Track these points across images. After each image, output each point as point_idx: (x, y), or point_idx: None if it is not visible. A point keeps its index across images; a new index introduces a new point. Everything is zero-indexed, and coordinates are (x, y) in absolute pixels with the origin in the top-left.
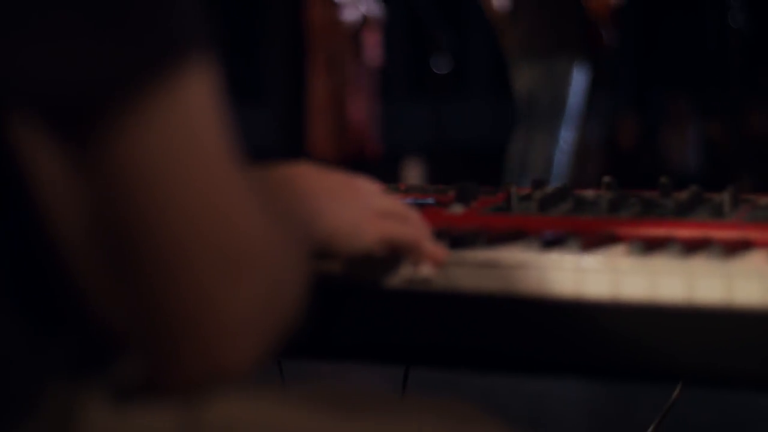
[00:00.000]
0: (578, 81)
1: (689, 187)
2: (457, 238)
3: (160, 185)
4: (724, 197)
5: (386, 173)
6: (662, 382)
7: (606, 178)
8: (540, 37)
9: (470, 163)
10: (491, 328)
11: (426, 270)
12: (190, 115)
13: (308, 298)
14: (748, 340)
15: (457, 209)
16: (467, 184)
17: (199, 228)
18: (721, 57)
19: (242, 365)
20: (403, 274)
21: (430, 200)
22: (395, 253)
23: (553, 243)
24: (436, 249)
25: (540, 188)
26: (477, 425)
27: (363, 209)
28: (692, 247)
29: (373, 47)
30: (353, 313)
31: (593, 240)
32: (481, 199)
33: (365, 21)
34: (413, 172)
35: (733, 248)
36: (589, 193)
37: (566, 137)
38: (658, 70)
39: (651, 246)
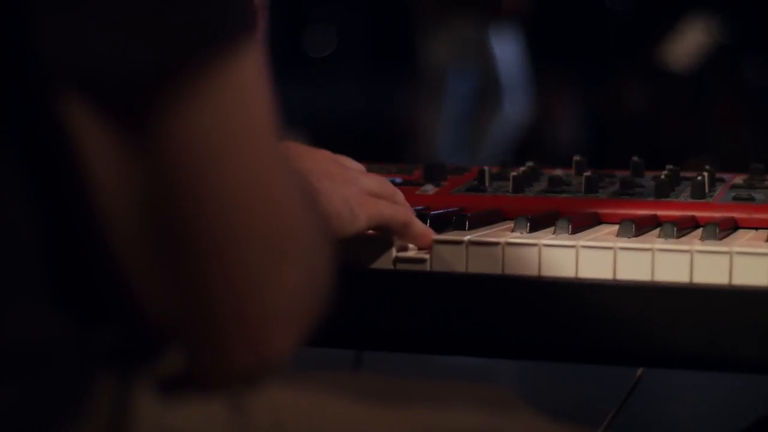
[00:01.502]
0: (501, 50)
1: (666, 167)
2: (438, 219)
3: (215, 164)
4: (704, 177)
5: None
6: (661, 365)
7: (576, 157)
8: (450, 6)
9: (350, 142)
10: (484, 310)
11: (415, 251)
12: (245, 92)
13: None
14: (748, 320)
15: (429, 189)
16: (435, 163)
17: (251, 208)
18: (599, 32)
19: (284, 353)
20: (392, 255)
21: (397, 180)
22: (385, 234)
23: (540, 224)
24: (426, 229)
25: (509, 167)
26: (515, 411)
27: (356, 190)
28: (683, 228)
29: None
30: (340, 295)
31: (581, 220)
32: (450, 178)
33: None
34: None
35: (724, 228)
36: (559, 173)
37: (506, 111)
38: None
39: (642, 226)
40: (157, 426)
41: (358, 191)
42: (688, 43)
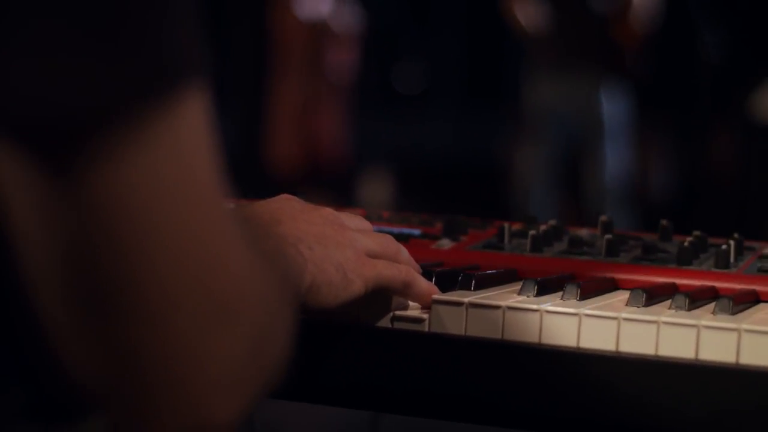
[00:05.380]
0: (612, 102)
1: (693, 233)
2: (444, 277)
3: (147, 220)
4: (730, 245)
5: (350, 189)
6: None
7: (603, 217)
8: (568, 54)
9: (437, 183)
10: (481, 376)
11: (417, 309)
12: (182, 144)
13: (295, 346)
14: (756, 402)
15: (445, 244)
16: (456, 216)
17: (187, 269)
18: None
19: (227, 421)
20: (390, 314)
21: (416, 232)
22: (385, 294)
23: (549, 288)
24: (430, 287)
25: (533, 224)
26: None
27: (351, 253)
28: (698, 299)
29: (342, 56)
30: (334, 353)
31: (593, 286)
32: (470, 233)
33: (333, 28)
34: (378, 190)
35: (742, 302)
36: (584, 233)
37: (610, 161)
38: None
39: (656, 296)
40: None
41: (353, 254)
42: None
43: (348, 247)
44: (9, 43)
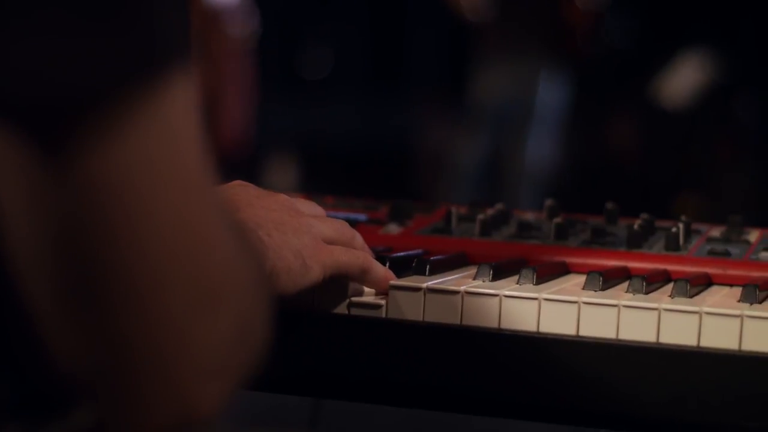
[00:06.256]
0: (550, 88)
1: (641, 215)
2: (398, 263)
3: (137, 202)
4: (679, 228)
5: (255, 174)
6: (623, 429)
7: (549, 201)
8: (509, 39)
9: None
10: (440, 361)
11: (373, 295)
12: (173, 127)
13: (274, 333)
14: (717, 384)
15: (393, 229)
16: (402, 201)
17: (176, 253)
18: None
19: (212, 408)
20: (347, 300)
21: (362, 217)
22: (341, 280)
23: (504, 272)
24: (387, 273)
25: (479, 208)
26: None
27: (309, 239)
28: (652, 282)
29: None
30: (291, 340)
31: (548, 270)
32: (416, 217)
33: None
34: (283, 175)
35: (697, 285)
36: (530, 217)
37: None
38: None
39: (610, 279)
40: None
41: (311, 240)
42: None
43: (305, 234)
44: (3, 24)
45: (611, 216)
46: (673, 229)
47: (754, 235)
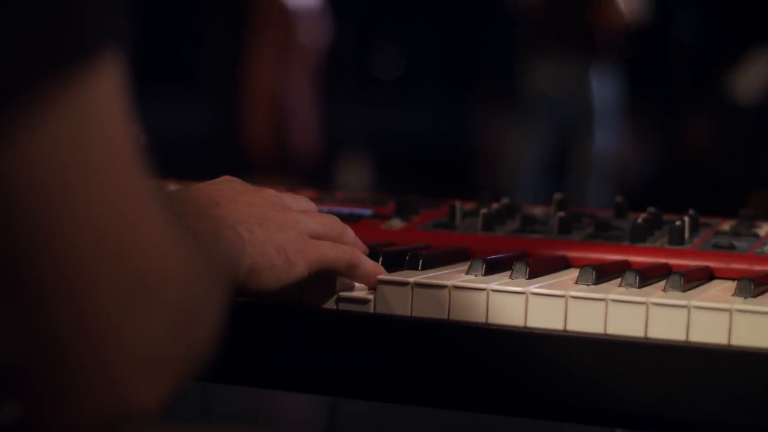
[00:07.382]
0: (601, 85)
1: (647, 210)
2: (392, 257)
3: (62, 190)
4: (684, 222)
5: (326, 174)
6: (611, 425)
7: (557, 195)
8: (560, 37)
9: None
10: (427, 357)
11: (361, 291)
12: (97, 114)
13: (224, 330)
14: (706, 380)
15: (396, 224)
16: (408, 195)
17: (104, 242)
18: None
19: (148, 406)
20: (336, 295)
21: (367, 212)
22: (329, 275)
23: (498, 267)
24: (375, 268)
25: (486, 203)
26: None
27: (293, 235)
28: (650, 277)
29: (318, 40)
30: (279, 335)
31: (543, 265)
32: (422, 212)
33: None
34: (354, 175)
35: (695, 278)
36: (537, 211)
37: (599, 143)
38: None
39: (607, 273)
40: None
41: (296, 235)
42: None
43: (290, 229)
44: None
45: (620, 210)
46: (677, 223)
47: (764, 229)
